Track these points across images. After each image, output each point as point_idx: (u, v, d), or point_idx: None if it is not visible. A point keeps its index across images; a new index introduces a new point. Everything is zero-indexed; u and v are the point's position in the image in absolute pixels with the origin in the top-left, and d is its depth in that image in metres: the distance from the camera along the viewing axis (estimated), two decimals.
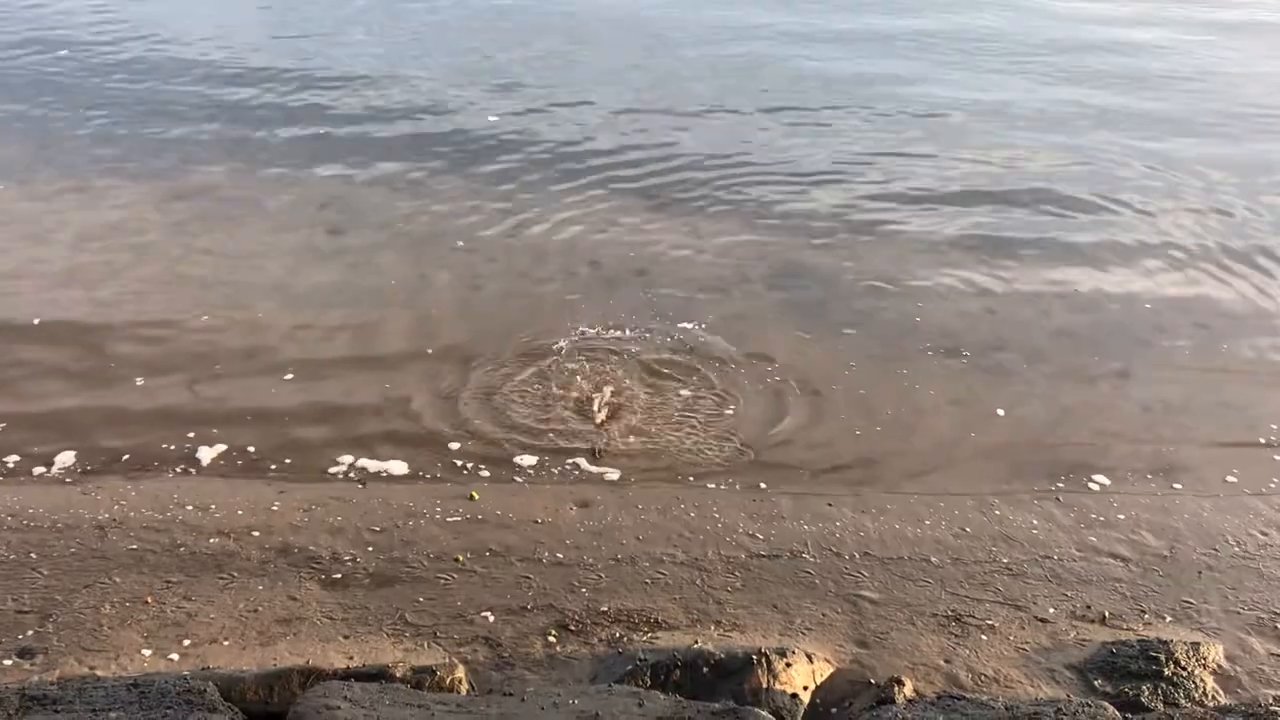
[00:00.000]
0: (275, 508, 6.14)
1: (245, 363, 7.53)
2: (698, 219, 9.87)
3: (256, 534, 5.91)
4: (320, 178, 10.44)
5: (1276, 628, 5.43)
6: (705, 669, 4.91)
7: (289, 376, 7.38)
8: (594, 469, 6.59)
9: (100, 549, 5.74)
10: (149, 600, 5.36)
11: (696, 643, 5.11)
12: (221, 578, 5.57)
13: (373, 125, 11.70)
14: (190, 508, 6.11)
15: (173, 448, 6.68)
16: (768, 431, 7.01)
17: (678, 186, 10.49)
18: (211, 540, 5.84)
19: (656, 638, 5.23)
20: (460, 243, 9.26)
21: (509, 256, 9.05)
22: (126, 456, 6.60)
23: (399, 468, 6.56)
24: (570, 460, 6.66)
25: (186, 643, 5.10)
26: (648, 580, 5.67)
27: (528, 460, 6.65)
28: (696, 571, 5.74)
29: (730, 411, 7.15)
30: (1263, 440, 7.07)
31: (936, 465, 6.75)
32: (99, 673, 4.83)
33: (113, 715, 4.16)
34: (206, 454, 6.62)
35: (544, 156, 11.04)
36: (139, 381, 7.28)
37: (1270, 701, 4.89)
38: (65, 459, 6.55)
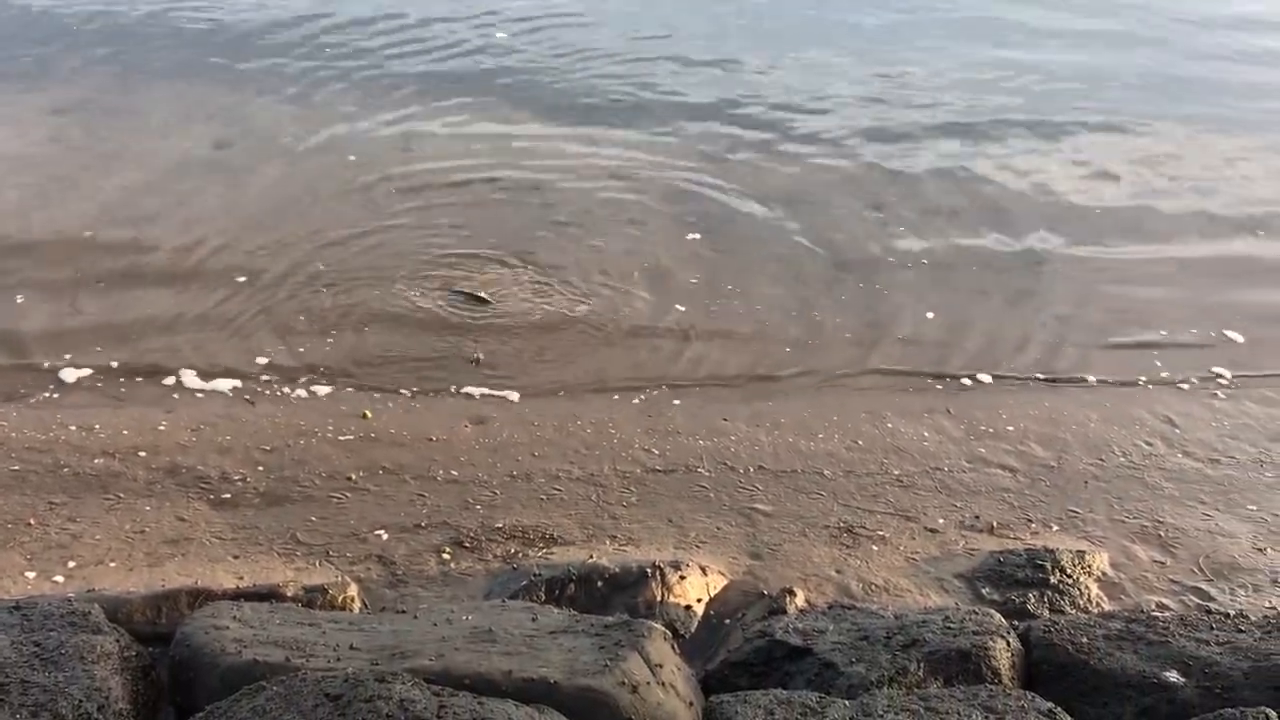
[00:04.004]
0: (162, 427, 6.02)
1: (130, 279, 7.34)
2: (597, 132, 9.77)
3: (143, 454, 5.79)
4: (205, 90, 10.16)
5: (1160, 536, 5.55)
6: (600, 583, 4.92)
7: (170, 294, 7.22)
8: (486, 387, 6.55)
9: None
10: (32, 522, 5.24)
11: (591, 557, 5.11)
12: (107, 498, 5.45)
13: (261, 34, 11.40)
14: (74, 428, 5.96)
15: (46, 365, 6.51)
16: (663, 346, 7.01)
17: (578, 100, 10.38)
18: (96, 461, 5.71)
19: (551, 553, 5.22)
20: (352, 157, 9.08)
21: (403, 173, 8.88)
22: (6, 375, 6.43)
23: (287, 389, 6.47)
24: (458, 376, 6.64)
25: (71, 564, 4.99)
26: (543, 497, 5.65)
27: (417, 376, 6.61)
28: (592, 487, 5.74)
29: (625, 326, 7.14)
30: (1150, 344, 7.24)
31: (830, 379, 6.81)
32: None
33: None
34: (77, 373, 6.45)
35: (439, 72, 10.84)
36: (19, 299, 7.08)
37: (1152, 607, 5.01)
38: None
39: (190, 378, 6.50)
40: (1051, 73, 11.51)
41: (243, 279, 7.40)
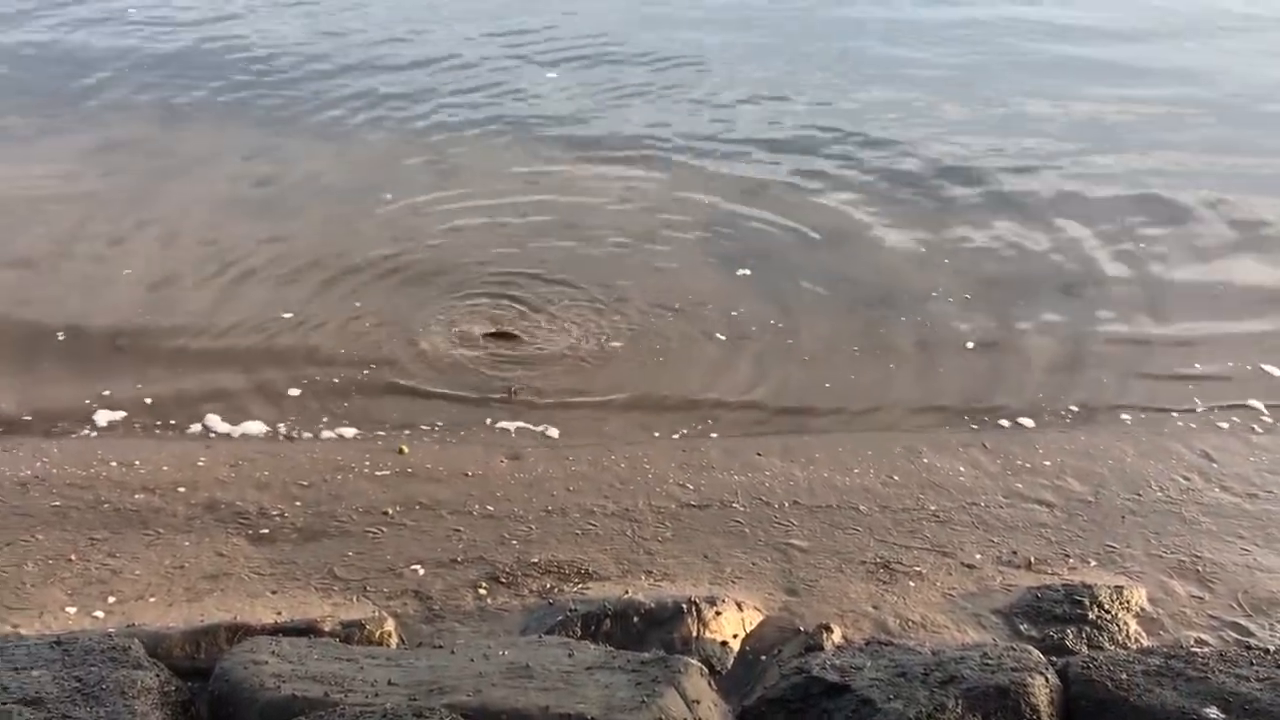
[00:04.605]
0: (201, 463, 6.07)
1: (169, 317, 7.42)
2: (629, 169, 9.82)
3: (182, 490, 5.83)
4: (243, 130, 10.28)
5: (1198, 571, 5.51)
6: (636, 619, 4.91)
7: (210, 332, 7.31)
8: (522, 422, 6.59)
9: (22, 506, 5.64)
10: (73, 557, 5.29)
11: (627, 593, 5.11)
12: (147, 534, 5.49)
13: (301, 77, 11.52)
14: (114, 464, 6.02)
15: (88, 403, 6.60)
16: (696, 380, 7.04)
17: (609, 136, 10.43)
18: (136, 496, 5.77)
19: (587, 588, 5.22)
20: (388, 195, 9.16)
21: (437, 210, 8.96)
22: (44, 412, 6.51)
23: (325, 425, 6.53)
24: (493, 411, 6.70)
25: (111, 600, 5.03)
26: (579, 532, 5.66)
27: (452, 412, 6.67)
28: (627, 522, 5.75)
29: (659, 360, 7.18)
30: (1187, 379, 7.22)
31: (865, 414, 6.82)
32: (22, 631, 4.75)
33: (35, 673, 4.10)
34: (111, 415, 6.54)
35: (474, 109, 10.93)
36: (60, 336, 7.17)
37: (1191, 643, 4.98)
38: None
39: (227, 415, 6.56)
40: (1107, 121, 11.40)
41: (287, 315, 7.47)
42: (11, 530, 5.45)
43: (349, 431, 6.47)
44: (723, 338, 7.46)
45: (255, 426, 6.48)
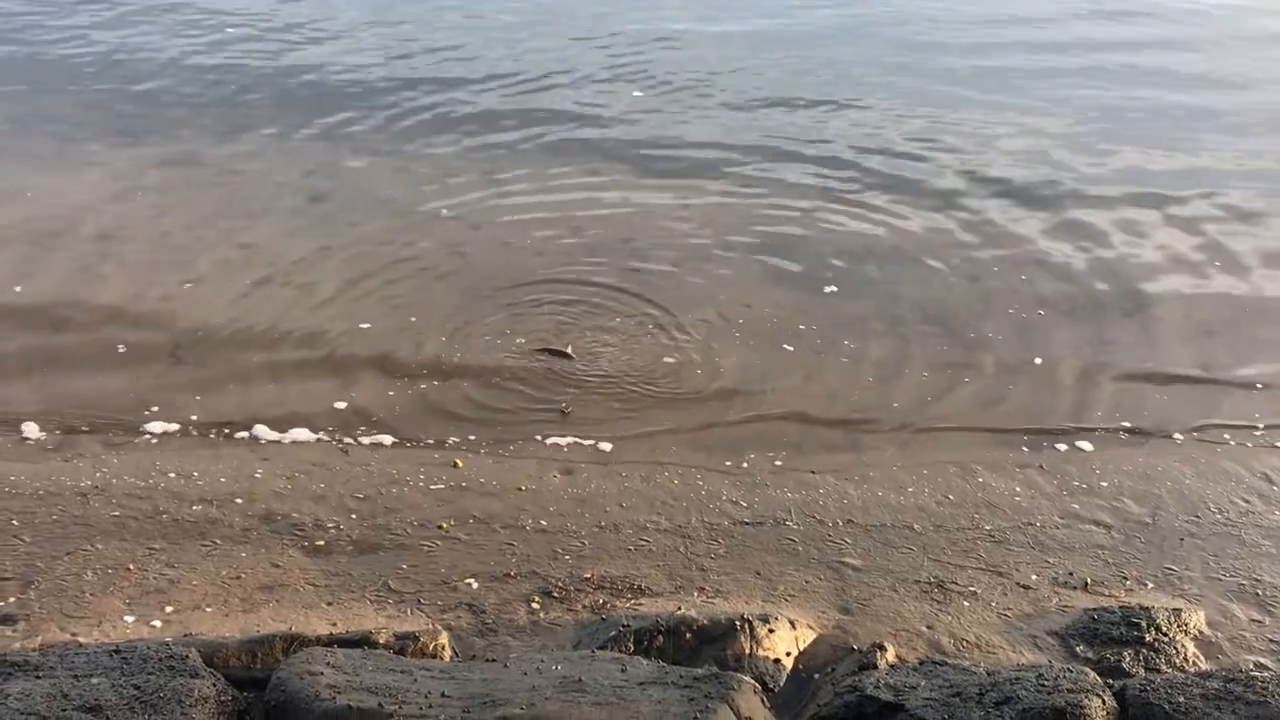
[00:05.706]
0: (258, 475, 6.12)
1: (226, 330, 7.50)
2: (684, 186, 9.83)
3: (239, 501, 5.89)
4: (304, 144, 10.38)
5: (1258, 594, 5.44)
6: (688, 635, 4.91)
7: (267, 344, 7.38)
8: (575, 438, 6.60)
9: (82, 516, 5.71)
10: (131, 567, 5.34)
11: (680, 609, 5.11)
12: (204, 544, 5.55)
13: (357, 91, 11.63)
14: (173, 474, 6.08)
15: (147, 414, 6.67)
16: (750, 397, 7.03)
17: (665, 155, 10.44)
18: (194, 507, 5.82)
19: (640, 604, 5.22)
20: (445, 211, 9.22)
21: (493, 224, 9.01)
22: (105, 422, 6.58)
23: (380, 438, 6.56)
24: (546, 426, 6.71)
25: (169, 609, 5.08)
26: (631, 547, 5.66)
27: (506, 427, 6.69)
28: (680, 539, 5.74)
29: (714, 376, 7.18)
30: (1248, 409, 7.12)
31: (920, 433, 6.78)
32: (81, 639, 4.81)
33: (94, 681, 4.15)
34: (178, 423, 6.61)
35: (530, 123, 10.99)
36: (120, 349, 7.25)
37: (1250, 667, 4.91)
38: (48, 425, 6.53)
39: (281, 427, 6.61)
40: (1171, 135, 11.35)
41: (342, 328, 7.53)
42: (72, 540, 5.52)
43: (404, 445, 6.51)
44: (790, 349, 7.47)
45: (310, 439, 6.53)
